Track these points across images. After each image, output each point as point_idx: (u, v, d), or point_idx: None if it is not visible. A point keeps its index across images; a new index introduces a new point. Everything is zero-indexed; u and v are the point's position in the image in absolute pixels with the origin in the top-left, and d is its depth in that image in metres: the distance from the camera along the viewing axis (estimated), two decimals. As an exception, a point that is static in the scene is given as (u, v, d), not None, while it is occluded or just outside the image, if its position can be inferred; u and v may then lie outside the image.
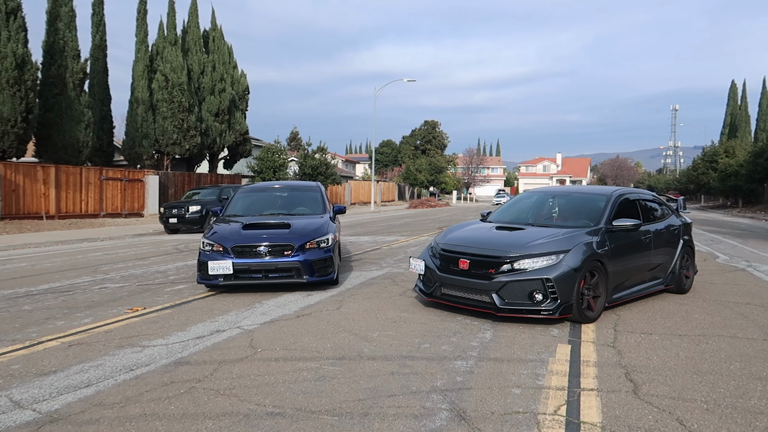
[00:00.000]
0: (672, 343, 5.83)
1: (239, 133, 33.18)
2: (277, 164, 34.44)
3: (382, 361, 5.08)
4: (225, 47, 33.17)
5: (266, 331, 6.11)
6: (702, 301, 8.12)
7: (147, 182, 27.56)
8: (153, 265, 11.66)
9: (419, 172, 60.99)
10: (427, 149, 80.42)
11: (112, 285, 9.20)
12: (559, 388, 4.47)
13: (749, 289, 9.18)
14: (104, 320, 6.67)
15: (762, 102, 65.59)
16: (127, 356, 5.22)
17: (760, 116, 65.41)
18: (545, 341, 5.82)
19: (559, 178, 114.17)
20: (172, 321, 6.59)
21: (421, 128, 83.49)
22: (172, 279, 9.78)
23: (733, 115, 68.34)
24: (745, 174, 44.51)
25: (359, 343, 5.65)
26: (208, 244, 8.24)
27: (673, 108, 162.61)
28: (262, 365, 4.95)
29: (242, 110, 33.90)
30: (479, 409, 4.02)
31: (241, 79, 33.97)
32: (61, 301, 7.88)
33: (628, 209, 7.77)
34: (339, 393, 4.30)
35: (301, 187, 10.67)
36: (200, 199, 22.22)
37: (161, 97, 28.71)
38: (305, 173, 39.03)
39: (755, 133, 64.47)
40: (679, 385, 4.60)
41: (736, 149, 52.00)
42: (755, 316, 7.19)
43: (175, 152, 29.60)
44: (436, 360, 5.15)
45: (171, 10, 30.31)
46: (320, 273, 8.25)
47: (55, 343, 5.67)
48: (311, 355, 5.24)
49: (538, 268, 6.34)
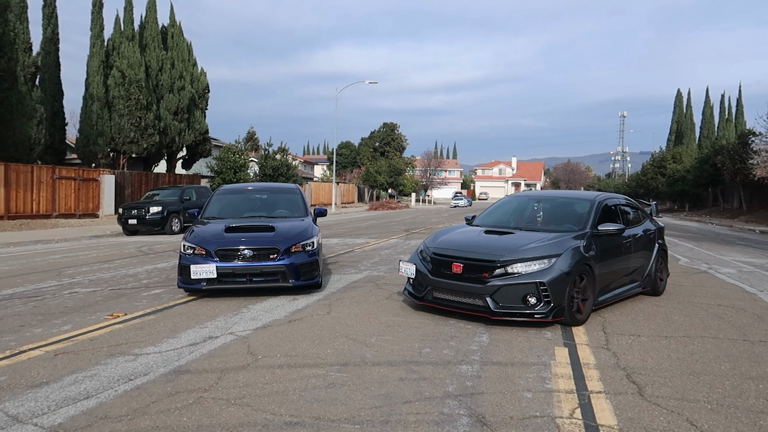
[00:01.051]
0: (661, 345, 6.00)
1: (199, 133, 32.46)
2: (238, 165, 33.83)
3: (387, 367, 5.04)
4: (184, 44, 32.41)
5: (261, 337, 5.97)
6: (677, 302, 8.40)
7: (102, 182, 26.61)
8: (120, 269, 11.25)
9: (379, 174, 61.07)
10: (386, 151, 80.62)
11: (83, 290, 8.82)
12: (568, 391, 4.53)
13: (716, 291, 9.56)
14: (85, 327, 6.38)
15: (705, 110, 68.63)
16: (120, 365, 5.00)
17: (703, 124, 68.42)
18: (541, 344, 5.89)
19: (514, 182, 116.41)
20: (158, 327, 6.36)
21: (380, 130, 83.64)
22: (146, 283, 9.46)
23: (679, 123, 71.22)
24: (692, 179, 46.43)
25: (360, 349, 5.59)
26: (189, 247, 8.00)
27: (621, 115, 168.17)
28: (267, 373, 4.83)
29: (202, 109, 33.17)
30: (497, 414, 4.03)
31: (200, 77, 33.23)
32: (31, 307, 7.50)
33: (609, 214, 7.97)
34: (353, 400, 4.24)
35: (280, 189, 10.50)
36: (161, 200, 21.61)
37: (118, 94, 27.81)
38: (265, 174, 38.50)
39: (699, 140, 67.41)
40: (679, 386, 4.73)
41: (682, 155, 54.21)
42: (729, 317, 7.48)
43: (132, 151, 28.71)
44: (441, 365, 5.14)
45: (128, 4, 29.40)
46: (306, 277, 8.13)
47: (39, 353, 5.38)
48: (314, 362, 5.15)
49: (532, 272, 6.42)
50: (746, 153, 38.30)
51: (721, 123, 63.50)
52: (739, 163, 38.56)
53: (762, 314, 7.69)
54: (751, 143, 38.64)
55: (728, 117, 63.60)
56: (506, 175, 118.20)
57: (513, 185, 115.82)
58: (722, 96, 65.07)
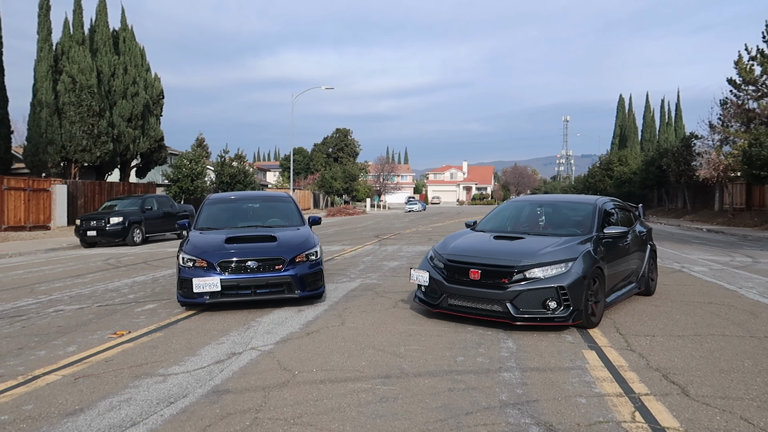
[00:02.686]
0: (678, 344, 6.15)
1: (154, 140, 31.45)
2: (195, 172, 32.99)
3: (430, 378, 4.97)
4: (137, 48, 31.37)
5: (287, 352, 5.78)
6: (670, 302, 8.66)
7: (54, 192, 25.39)
8: (97, 283, 10.73)
9: (334, 180, 60.79)
10: (340, 157, 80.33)
11: (68, 307, 8.36)
12: (618, 395, 4.57)
13: (700, 289, 9.91)
14: (92, 347, 6.03)
15: (646, 115, 71.66)
16: (152, 387, 4.74)
17: (644, 128, 71.41)
18: (568, 348, 5.95)
19: (465, 186, 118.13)
20: (173, 345, 6.07)
21: (333, 136, 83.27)
22: (132, 298, 9.05)
23: (623, 127, 74.04)
24: (639, 181, 48.31)
25: (393, 360, 5.49)
26: (189, 260, 7.68)
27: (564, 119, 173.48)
28: (311, 389, 4.67)
29: (157, 115, 32.17)
30: (563, 421, 4.02)
31: (155, 83, 32.24)
32: (20, 328, 7.04)
33: (609, 217, 8.16)
34: (414, 414, 4.14)
35: (272, 197, 10.25)
36: (121, 210, 20.80)
37: (68, 100, 26.64)
38: (222, 182, 37.74)
39: (641, 143, 70.29)
40: (717, 384, 4.85)
41: (628, 158, 56.34)
42: (726, 314, 7.76)
43: (85, 160, 27.53)
44: (482, 373, 5.10)
45: (77, 7, 28.27)
46: (311, 287, 7.95)
47: (55, 377, 5.04)
48: (354, 375, 5.02)
49: (551, 276, 6.48)
50: (690, 155, 40.21)
51: (662, 126, 66.41)
52: (683, 165, 40.41)
53: (754, 311, 8.02)
54: (694, 146, 40.60)
55: (668, 121, 66.61)
56: (458, 179, 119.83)
57: (464, 189, 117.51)
58: (662, 101, 68.13)
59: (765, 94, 33.69)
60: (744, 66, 34.23)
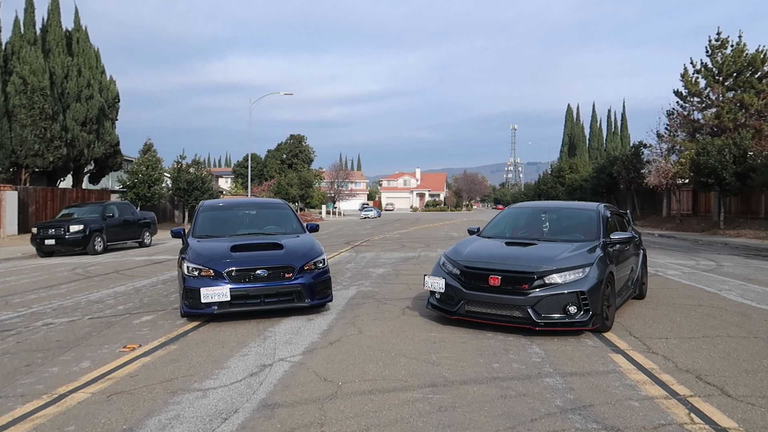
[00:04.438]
0: (693, 346, 6.35)
1: (110, 145, 30.27)
2: (153, 178, 31.97)
3: (476, 385, 4.94)
4: (91, 50, 30.20)
5: (318, 362, 5.64)
6: (664, 305, 8.94)
7: (4, 199, 24.08)
8: (75, 294, 10.22)
9: (290, 187, 60.16)
10: (294, 163, 79.57)
11: (57, 320, 7.92)
12: (665, 397, 4.67)
13: (683, 292, 10.28)
14: (108, 363, 5.72)
15: (593, 124, 74.29)
16: (196, 403, 4.52)
17: (592, 136, 73.99)
18: (594, 352, 6.04)
19: (419, 192, 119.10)
20: (195, 359, 5.82)
21: (287, 142, 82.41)
22: (123, 309, 8.65)
23: (572, 135, 76.46)
24: (590, 188, 49.87)
25: (430, 368, 5.44)
26: (194, 269, 7.40)
27: (512, 128, 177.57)
28: (364, 400, 4.56)
29: (112, 119, 30.99)
30: (628, 425, 4.07)
31: (110, 86, 31.07)
32: (14, 344, 6.62)
33: (610, 223, 8.37)
34: (479, 422, 4.11)
35: (268, 204, 10.02)
36: (81, 218, 19.94)
37: (19, 102, 25.35)
38: (179, 188, 36.73)
39: (589, 151, 72.76)
40: (751, 384, 5.03)
41: (578, 166, 58.14)
42: (720, 316, 8.07)
43: (37, 165, 26.23)
44: (525, 379, 5.12)
45: (29, 5, 27.01)
46: (320, 295, 7.80)
47: (84, 395, 4.74)
48: (400, 385, 4.94)
49: (570, 281, 6.58)
50: (639, 163, 41.85)
51: (609, 135, 68.93)
52: (633, 173, 42.00)
53: (744, 312, 8.36)
54: (642, 154, 42.32)
55: (615, 130, 69.23)
56: (411, 186, 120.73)
57: (418, 196, 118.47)
58: (609, 111, 70.77)
59: (709, 105, 35.53)
60: (690, 79, 36.01)
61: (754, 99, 32.27)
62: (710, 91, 34.99)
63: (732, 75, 33.94)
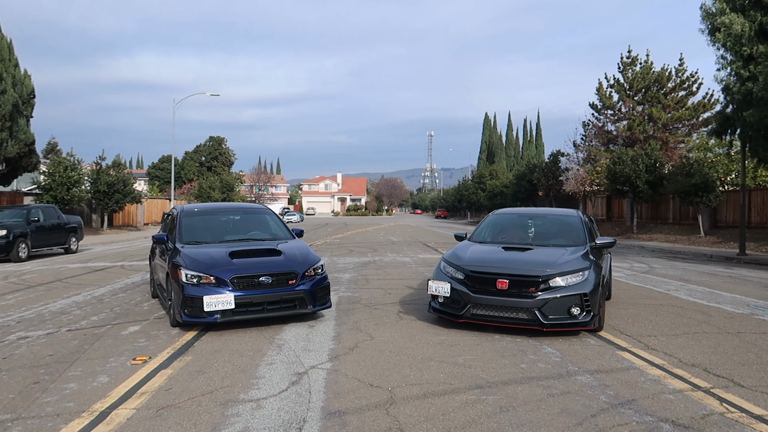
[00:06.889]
0: (682, 343, 6.90)
1: (24, 144, 28.07)
2: (72, 180, 30.02)
3: (518, 385, 5.14)
4: (4, 41, 27.90)
5: (351, 368, 5.64)
6: (631, 305, 9.58)
7: None
8: (30, 305, 9.52)
9: (212, 190, 58.32)
10: (214, 166, 77.20)
11: (32, 334, 7.37)
12: (691, 389, 5.08)
13: (638, 292, 11.05)
14: (128, 376, 5.43)
15: (509, 133, 77.54)
16: (257, 414, 4.41)
17: (508, 144, 77.19)
18: (603, 351, 6.42)
19: (340, 197, 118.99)
20: (220, 370, 5.63)
21: (206, 144, 79.80)
22: (98, 320, 8.18)
23: (490, 143, 79.38)
24: (511, 194, 52.04)
25: (464, 371, 5.59)
26: (193, 276, 7.12)
27: (429, 134, 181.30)
28: (425, 404, 4.63)
29: (27, 116, 28.78)
30: (680, 417, 4.41)
31: (25, 80, 28.83)
32: (2, 360, 6.10)
33: (590, 228, 8.89)
34: (545, 421, 4.30)
35: (251, 210, 9.74)
36: (3, 223, 18.43)
37: None
38: (98, 190, 34.68)
39: (506, 158, 75.87)
40: (754, 376, 5.55)
41: (498, 172, 60.50)
42: (685, 314, 8.78)
43: (-58, 164, 23.91)
44: (558, 378, 5.38)
45: (-68, -12, 24.58)
46: (321, 301, 7.75)
47: (128, 411, 4.49)
48: (448, 388, 5.05)
49: (573, 284, 6.96)
50: (557, 170, 44.24)
51: (525, 144, 72.20)
52: (552, 180, 44.34)
53: (702, 310, 9.11)
54: (560, 162, 44.79)
55: (530, 139, 72.62)
56: (332, 190, 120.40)
57: (339, 200, 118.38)
58: (525, 120, 74.18)
59: (621, 117, 38.21)
60: (604, 92, 38.56)
61: (661, 113, 35.08)
62: (622, 105, 37.62)
63: (641, 90, 36.67)
